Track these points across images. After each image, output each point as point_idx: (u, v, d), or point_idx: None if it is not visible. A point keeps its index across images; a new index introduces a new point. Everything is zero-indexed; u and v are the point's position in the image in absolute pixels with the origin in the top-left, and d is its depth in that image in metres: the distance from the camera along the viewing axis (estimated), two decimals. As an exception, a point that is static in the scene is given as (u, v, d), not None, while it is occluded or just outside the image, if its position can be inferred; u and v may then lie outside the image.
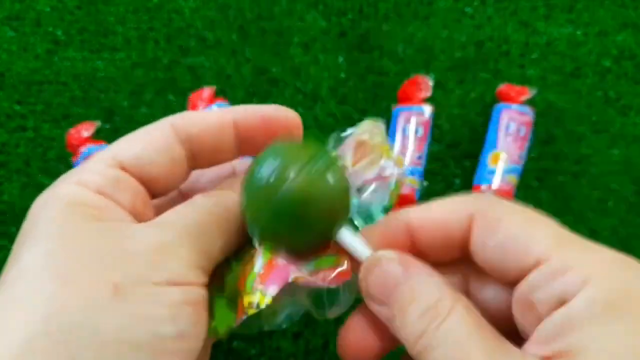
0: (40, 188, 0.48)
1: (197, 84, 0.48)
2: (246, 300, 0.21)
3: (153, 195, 0.23)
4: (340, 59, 0.49)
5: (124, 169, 0.21)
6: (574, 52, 0.50)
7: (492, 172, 0.43)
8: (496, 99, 0.47)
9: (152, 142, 0.22)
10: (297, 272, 0.21)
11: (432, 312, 0.19)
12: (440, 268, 0.21)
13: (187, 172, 0.23)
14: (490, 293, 0.22)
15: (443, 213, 0.21)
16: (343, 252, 0.22)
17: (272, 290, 0.20)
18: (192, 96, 0.47)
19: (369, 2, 0.51)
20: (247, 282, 0.21)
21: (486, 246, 0.20)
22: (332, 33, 0.50)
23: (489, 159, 0.44)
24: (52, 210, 0.20)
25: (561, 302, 0.18)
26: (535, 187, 0.46)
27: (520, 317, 0.19)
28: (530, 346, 0.18)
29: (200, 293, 0.20)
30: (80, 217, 0.19)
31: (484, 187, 0.43)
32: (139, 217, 0.21)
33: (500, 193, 0.43)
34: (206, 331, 0.20)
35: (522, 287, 0.19)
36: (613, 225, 0.45)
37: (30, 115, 0.47)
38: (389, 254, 0.21)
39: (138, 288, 0.18)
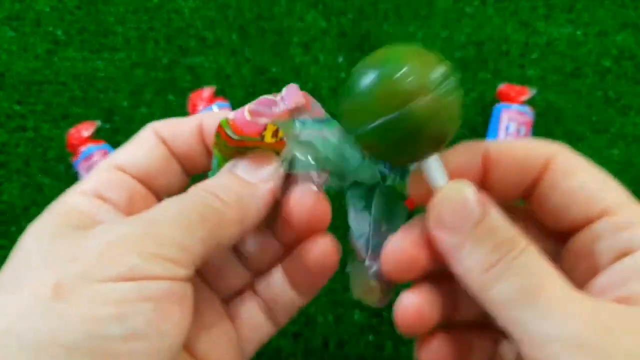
0: (40, 188, 0.47)
1: (197, 84, 0.48)
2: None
3: (157, 193, 0.23)
4: (340, 59, 0.49)
5: (121, 170, 0.22)
6: (574, 52, 0.50)
7: (492, 172, 0.43)
8: (496, 99, 0.47)
9: (139, 143, 0.23)
10: None
11: (509, 244, 0.19)
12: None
13: (182, 173, 0.24)
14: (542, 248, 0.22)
15: (524, 149, 0.21)
16: None
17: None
18: (192, 96, 0.47)
19: (369, 2, 0.51)
20: None
21: (558, 188, 0.20)
22: (332, 33, 0.50)
23: (488, 159, 0.44)
24: (45, 219, 0.20)
25: (624, 254, 0.18)
26: (535, 187, 0.46)
27: (572, 268, 0.19)
28: (594, 287, 0.19)
29: (165, 286, 0.18)
30: (60, 224, 0.19)
31: (483, 187, 0.43)
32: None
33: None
34: (182, 328, 0.18)
35: (583, 236, 0.20)
36: (613, 225, 0.45)
37: (30, 115, 0.47)
38: (469, 187, 0.20)
39: (81, 286, 0.17)
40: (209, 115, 0.24)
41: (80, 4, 0.51)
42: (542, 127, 0.47)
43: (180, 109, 0.47)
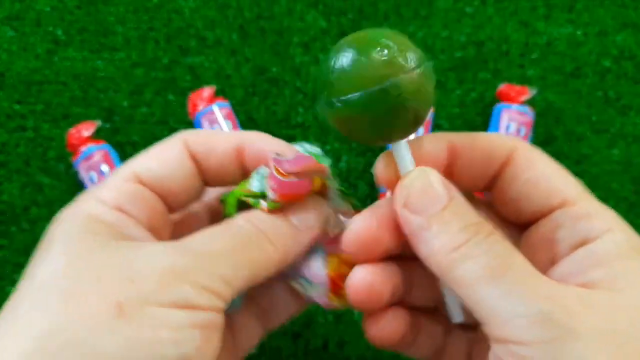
0: (40, 188, 0.47)
1: (197, 84, 0.48)
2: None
3: (171, 209, 0.23)
4: (340, 59, 0.49)
5: (142, 182, 0.22)
6: (574, 52, 0.50)
7: (492, 172, 0.43)
8: (496, 99, 0.47)
9: (166, 156, 0.23)
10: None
11: (476, 227, 0.19)
12: None
13: (202, 187, 0.24)
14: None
15: (488, 141, 0.22)
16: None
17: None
18: (192, 96, 0.47)
19: (369, 2, 0.51)
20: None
21: (519, 179, 0.21)
22: (332, 33, 0.50)
23: (489, 159, 0.44)
24: (70, 227, 0.20)
25: (582, 243, 0.19)
26: (535, 187, 0.46)
27: (530, 257, 0.20)
28: (554, 273, 0.20)
29: (210, 317, 0.19)
30: (95, 234, 0.20)
31: (484, 187, 0.43)
32: (156, 233, 0.22)
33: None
34: (216, 352, 0.20)
35: (542, 225, 0.20)
36: (613, 225, 0.45)
37: (30, 115, 0.47)
38: (436, 172, 0.21)
39: (142, 309, 0.18)
40: (251, 137, 0.24)
41: (80, 4, 0.51)
42: (542, 127, 0.47)
43: (180, 109, 0.47)
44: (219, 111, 0.45)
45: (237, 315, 0.25)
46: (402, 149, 0.21)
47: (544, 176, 0.21)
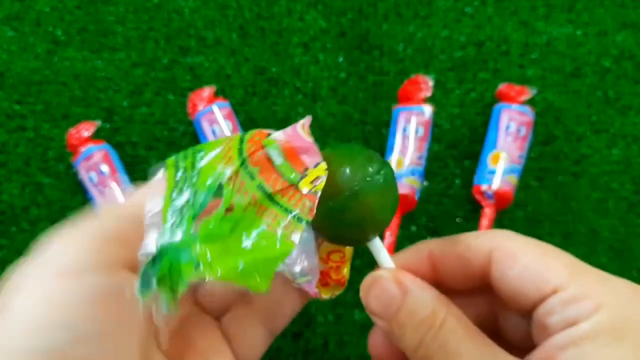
0: (39, 188, 0.47)
1: (197, 84, 0.48)
2: None
3: None
4: (340, 59, 0.49)
5: None
6: (574, 52, 0.50)
7: (492, 172, 0.43)
8: (496, 98, 0.47)
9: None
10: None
11: (426, 324, 0.21)
12: (467, 293, 0.23)
13: None
14: (514, 320, 0.24)
15: (465, 245, 0.23)
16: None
17: None
18: (192, 96, 0.47)
19: (369, 2, 0.51)
20: None
21: (506, 277, 0.22)
22: (332, 33, 0.50)
23: (489, 159, 0.44)
24: None
25: (570, 326, 0.20)
26: (535, 187, 0.46)
27: (537, 339, 0.21)
28: (531, 356, 0.20)
29: (103, 283, 0.18)
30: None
31: (484, 187, 0.43)
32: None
33: (500, 193, 0.43)
34: (136, 321, 0.19)
35: (539, 312, 0.21)
36: (613, 225, 0.45)
37: (30, 115, 0.47)
38: (384, 273, 0.22)
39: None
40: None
41: (80, 4, 0.51)
42: (542, 127, 0.47)
43: (180, 109, 0.47)
44: (219, 111, 0.45)
45: (232, 319, 0.25)
46: (376, 246, 0.23)
47: (528, 269, 0.21)
